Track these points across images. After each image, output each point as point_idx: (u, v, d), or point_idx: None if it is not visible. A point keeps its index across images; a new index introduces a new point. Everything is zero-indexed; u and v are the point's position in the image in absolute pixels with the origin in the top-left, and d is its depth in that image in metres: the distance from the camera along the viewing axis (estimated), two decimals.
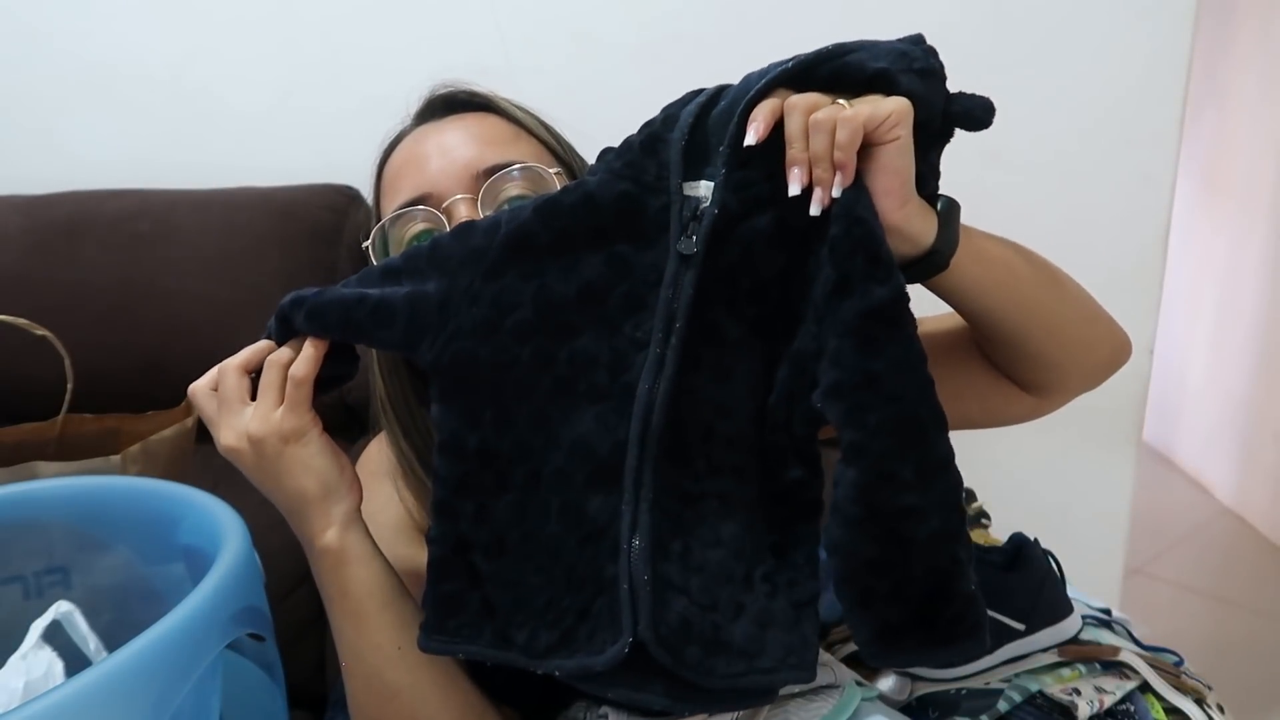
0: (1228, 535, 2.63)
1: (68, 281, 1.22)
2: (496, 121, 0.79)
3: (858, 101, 0.57)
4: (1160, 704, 0.83)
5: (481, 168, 0.75)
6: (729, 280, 0.59)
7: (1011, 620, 0.87)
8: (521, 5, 1.37)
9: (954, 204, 0.63)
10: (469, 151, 0.76)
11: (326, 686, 1.10)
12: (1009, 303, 0.68)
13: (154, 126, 1.48)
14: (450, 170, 0.75)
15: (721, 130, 0.58)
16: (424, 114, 0.82)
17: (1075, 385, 0.76)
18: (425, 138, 0.79)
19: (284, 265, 1.22)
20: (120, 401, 1.03)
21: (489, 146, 0.77)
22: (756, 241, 0.59)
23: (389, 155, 0.81)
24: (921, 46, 0.64)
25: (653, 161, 0.60)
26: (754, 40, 1.35)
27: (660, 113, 0.61)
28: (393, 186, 0.78)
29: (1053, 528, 1.07)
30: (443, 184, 0.75)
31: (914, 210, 0.59)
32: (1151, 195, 1.31)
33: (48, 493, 0.81)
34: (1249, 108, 2.64)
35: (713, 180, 0.58)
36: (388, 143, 0.83)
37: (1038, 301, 0.69)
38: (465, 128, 0.78)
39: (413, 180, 0.76)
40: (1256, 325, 2.61)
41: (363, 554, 0.67)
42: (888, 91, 0.57)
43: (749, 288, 0.59)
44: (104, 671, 0.50)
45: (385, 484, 0.82)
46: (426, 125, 0.80)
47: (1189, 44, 1.26)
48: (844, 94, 0.58)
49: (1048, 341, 0.71)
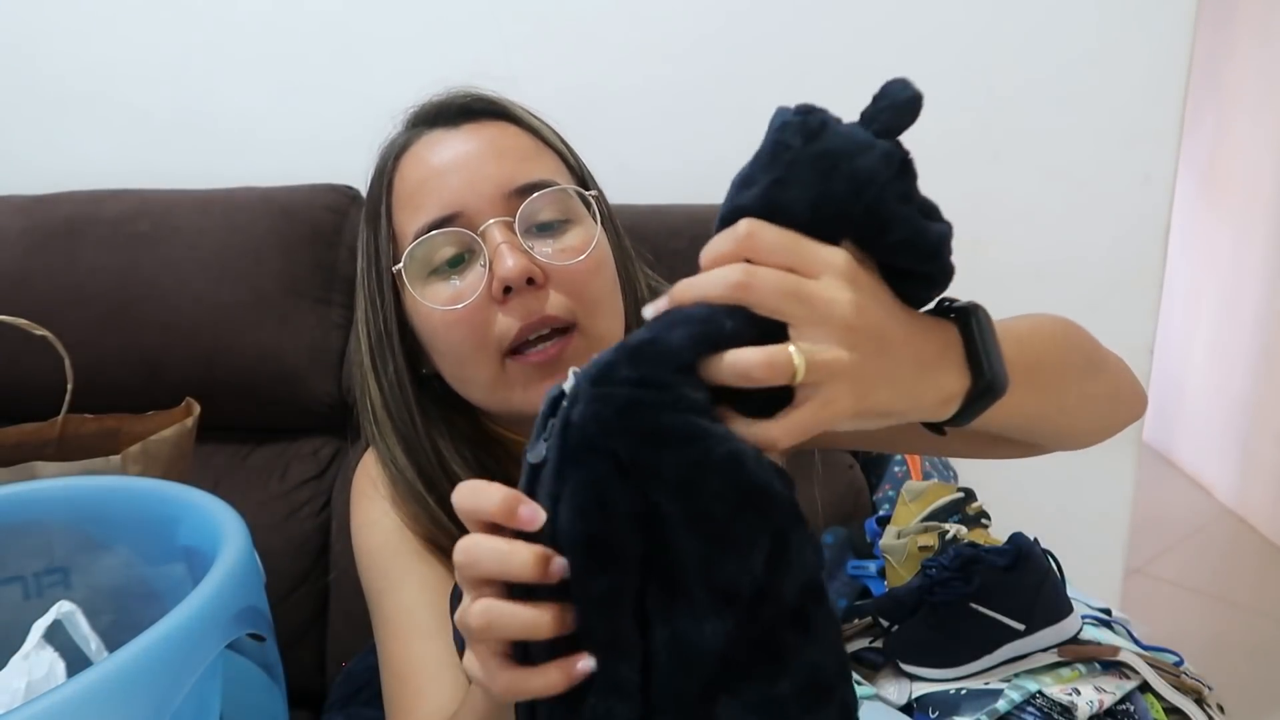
0: (1228, 535, 2.63)
1: (68, 281, 1.22)
2: (517, 133, 0.76)
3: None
4: (1160, 704, 0.83)
5: (513, 187, 0.72)
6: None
7: (1011, 620, 0.87)
8: (522, 5, 1.37)
9: (975, 318, 0.49)
10: (498, 169, 0.73)
11: (326, 686, 1.10)
12: (1054, 411, 0.58)
13: (154, 126, 1.48)
14: (480, 188, 0.72)
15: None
16: (434, 119, 0.77)
17: (1085, 447, 0.69)
18: (443, 148, 0.74)
19: (284, 265, 1.22)
20: (120, 401, 1.04)
21: (518, 163, 0.73)
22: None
23: (398, 161, 0.77)
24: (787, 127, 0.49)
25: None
26: (754, 40, 1.35)
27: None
28: (412, 201, 0.74)
29: (1053, 528, 1.07)
30: (473, 203, 0.72)
31: (890, 392, 0.45)
32: (1151, 195, 1.31)
33: (48, 493, 0.80)
34: (1249, 108, 2.64)
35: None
36: (394, 148, 0.78)
37: (1081, 400, 0.61)
38: (488, 140, 0.75)
39: (438, 197, 0.72)
40: (1256, 325, 2.61)
41: None
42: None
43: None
44: (105, 671, 0.50)
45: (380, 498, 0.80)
46: (440, 132, 0.76)
47: (1189, 44, 1.26)
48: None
49: (1077, 434, 0.65)
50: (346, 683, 0.97)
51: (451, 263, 0.72)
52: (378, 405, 0.78)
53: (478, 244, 0.71)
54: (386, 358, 0.76)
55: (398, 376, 0.76)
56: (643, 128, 1.35)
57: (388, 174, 0.77)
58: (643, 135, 1.34)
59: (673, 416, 0.42)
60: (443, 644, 0.72)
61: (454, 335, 0.72)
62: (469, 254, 0.72)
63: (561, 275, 0.72)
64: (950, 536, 1.07)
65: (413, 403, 0.77)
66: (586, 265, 0.73)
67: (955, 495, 1.16)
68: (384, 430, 0.77)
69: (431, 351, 0.76)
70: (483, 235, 0.71)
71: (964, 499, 1.16)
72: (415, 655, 0.73)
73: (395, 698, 0.73)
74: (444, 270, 0.72)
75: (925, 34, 1.30)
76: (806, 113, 0.49)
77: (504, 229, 0.71)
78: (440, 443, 0.77)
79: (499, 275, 0.69)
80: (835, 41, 1.31)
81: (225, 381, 1.20)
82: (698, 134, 1.37)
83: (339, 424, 1.23)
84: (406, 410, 0.77)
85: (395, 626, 0.75)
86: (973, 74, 1.31)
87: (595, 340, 0.74)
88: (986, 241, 1.35)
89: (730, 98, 1.35)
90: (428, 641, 0.73)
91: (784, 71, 1.33)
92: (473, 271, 0.72)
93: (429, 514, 0.76)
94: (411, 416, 0.77)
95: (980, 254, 1.38)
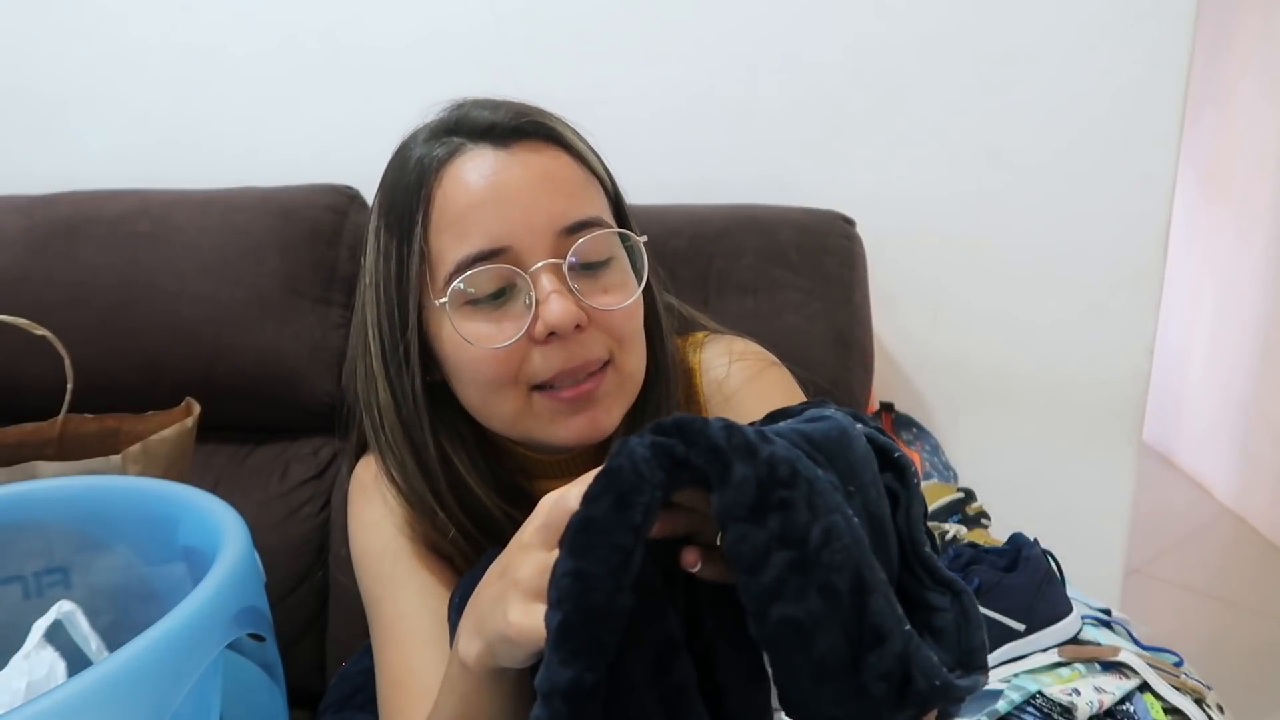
0: (1228, 535, 2.63)
1: (68, 281, 1.22)
2: (569, 162, 0.74)
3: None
4: (1160, 704, 0.83)
5: (564, 224, 0.70)
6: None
7: (1011, 620, 0.87)
8: (522, 6, 1.37)
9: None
10: (550, 204, 0.70)
11: (326, 686, 1.10)
12: None
13: (154, 126, 1.48)
14: (532, 223, 0.69)
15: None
16: (482, 133, 0.72)
17: None
18: (492, 173, 0.70)
19: (284, 265, 1.22)
20: (120, 401, 1.03)
21: (569, 199, 0.71)
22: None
23: (439, 175, 0.71)
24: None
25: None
26: (754, 40, 1.35)
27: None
28: (455, 227, 0.70)
29: (1053, 528, 1.07)
30: (524, 238, 0.69)
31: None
32: (1151, 195, 1.31)
33: (48, 493, 0.80)
34: (1249, 108, 2.64)
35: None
36: (434, 158, 0.72)
37: None
38: (541, 171, 0.71)
39: (485, 228, 0.69)
40: (1256, 325, 2.61)
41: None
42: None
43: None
44: (105, 671, 0.50)
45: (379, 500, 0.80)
46: (489, 151, 0.71)
47: (1189, 44, 1.26)
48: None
49: None
50: (341, 685, 0.97)
51: (492, 295, 0.70)
52: (388, 412, 0.76)
53: (524, 281, 0.70)
54: (402, 368, 0.74)
55: (413, 386, 0.74)
56: (643, 129, 1.35)
57: (427, 186, 0.71)
58: (643, 136, 1.34)
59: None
60: (441, 651, 0.71)
61: (486, 370, 0.71)
62: (511, 288, 0.70)
63: (603, 318, 0.71)
64: (950, 537, 1.07)
65: (425, 412, 0.75)
66: (628, 309, 0.73)
67: (955, 495, 1.16)
68: (395, 438, 0.76)
69: (454, 377, 0.74)
70: (531, 277, 0.69)
71: (964, 499, 1.16)
72: (413, 662, 0.73)
73: (391, 704, 0.73)
74: (483, 303, 0.70)
75: (925, 34, 1.30)
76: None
77: (553, 274, 0.69)
78: (451, 450, 0.76)
79: (546, 321, 0.68)
80: (835, 42, 1.31)
81: (225, 381, 1.20)
82: (698, 134, 1.37)
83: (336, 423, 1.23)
84: (419, 419, 0.75)
85: (393, 632, 0.75)
86: (973, 74, 1.31)
87: (625, 376, 0.74)
88: (987, 241, 1.35)
89: (730, 98, 1.35)
90: (427, 649, 0.73)
91: (784, 72, 1.33)
92: (514, 308, 0.70)
93: (434, 521, 0.76)
94: (423, 425, 0.75)
95: (980, 254, 1.38)
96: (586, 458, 0.79)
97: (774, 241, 1.18)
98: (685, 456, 0.46)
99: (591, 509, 0.46)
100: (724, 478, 0.45)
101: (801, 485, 0.45)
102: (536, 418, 0.72)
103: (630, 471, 0.45)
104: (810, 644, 0.44)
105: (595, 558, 0.45)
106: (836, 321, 1.16)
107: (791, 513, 0.44)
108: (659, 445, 0.46)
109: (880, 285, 1.28)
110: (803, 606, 0.44)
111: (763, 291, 1.16)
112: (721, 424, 0.46)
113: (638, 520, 0.45)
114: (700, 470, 0.45)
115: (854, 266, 1.21)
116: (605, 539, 0.45)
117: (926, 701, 0.45)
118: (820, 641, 0.44)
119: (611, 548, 0.45)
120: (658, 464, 0.46)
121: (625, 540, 0.45)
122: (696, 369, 0.83)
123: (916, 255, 1.37)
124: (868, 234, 1.25)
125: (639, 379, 0.76)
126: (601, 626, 0.45)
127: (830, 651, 0.44)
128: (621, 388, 0.74)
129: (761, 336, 0.87)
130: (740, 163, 1.36)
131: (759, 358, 0.83)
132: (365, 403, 0.78)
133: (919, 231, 1.36)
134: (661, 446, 0.46)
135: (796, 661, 0.45)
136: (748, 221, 1.20)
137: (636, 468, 0.46)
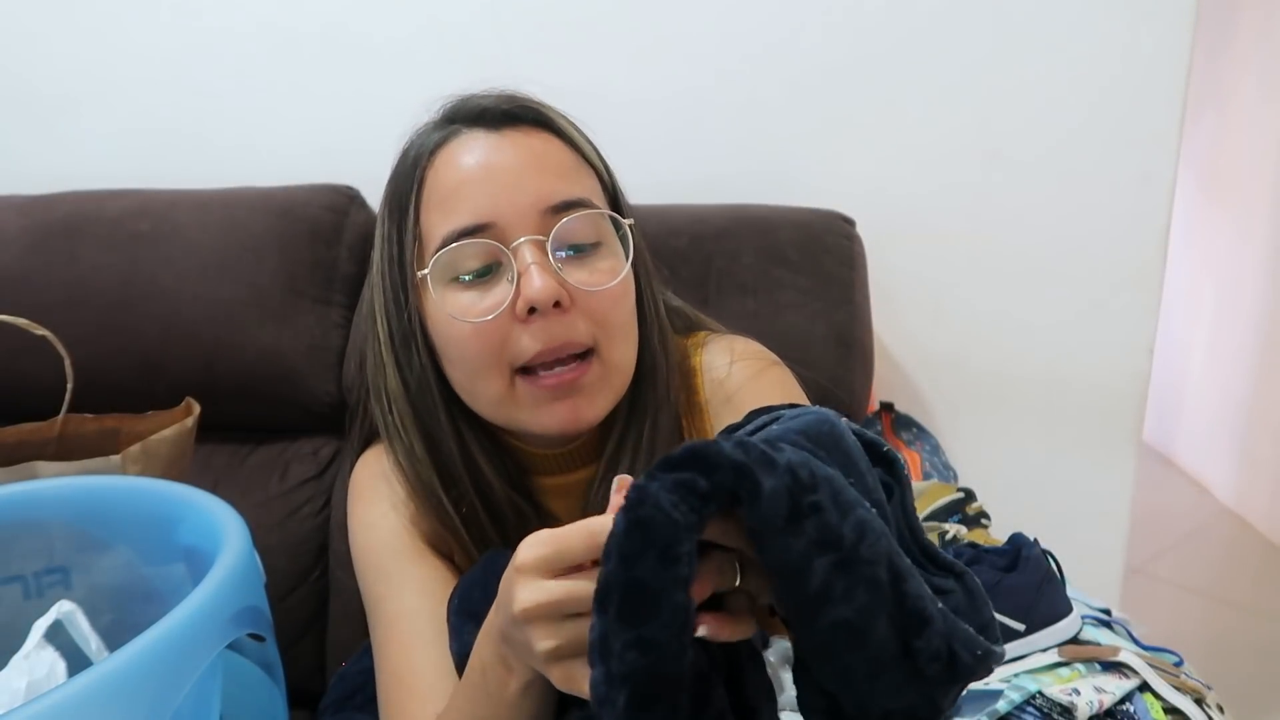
0: (1228, 535, 2.63)
1: (68, 281, 1.22)
2: (559, 146, 0.75)
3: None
4: (1160, 704, 0.83)
5: (549, 204, 0.71)
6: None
7: (1011, 620, 0.87)
8: (522, 5, 1.37)
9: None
10: (536, 183, 0.71)
11: (326, 686, 1.10)
12: None
13: (154, 126, 1.48)
14: (516, 201, 0.70)
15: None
16: (475, 118, 0.75)
17: None
18: (481, 152, 0.72)
19: (284, 265, 1.22)
20: (120, 401, 1.03)
21: (556, 179, 0.72)
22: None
23: (432, 158, 0.74)
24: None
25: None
26: (755, 40, 1.35)
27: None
28: (444, 204, 0.72)
29: (1053, 528, 1.07)
30: (507, 215, 0.70)
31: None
32: (1151, 195, 1.31)
33: (48, 493, 0.80)
34: (1249, 108, 2.64)
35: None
36: (428, 142, 0.75)
37: None
38: (529, 151, 0.73)
39: (471, 204, 0.71)
40: (1256, 325, 2.61)
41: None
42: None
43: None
44: (105, 671, 0.50)
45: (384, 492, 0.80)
46: (480, 134, 0.74)
47: (1189, 44, 1.26)
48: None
49: None
50: (340, 685, 0.97)
51: (478, 273, 0.71)
52: (397, 396, 0.76)
53: (506, 258, 0.70)
54: (411, 352, 0.75)
55: (423, 370, 0.75)
56: (643, 128, 1.35)
57: (420, 169, 0.74)
58: (643, 136, 1.34)
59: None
60: (442, 650, 0.72)
61: (470, 347, 0.72)
62: (496, 266, 0.71)
63: (587, 300, 0.71)
64: (950, 536, 1.07)
65: (438, 396, 0.76)
66: (612, 293, 0.72)
67: (955, 495, 1.16)
68: (406, 423, 0.76)
69: (444, 358, 0.75)
70: (514, 251, 0.70)
71: (964, 499, 1.16)
72: (414, 661, 0.73)
73: (392, 701, 0.73)
74: (468, 280, 0.71)
75: (925, 34, 1.30)
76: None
77: (536, 248, 0.70)
78: (465, 427, 0.77)
79: (526, 296, 0.69)
80: (835, 42, 1.31)
81: (225, 381, 1.20)
82: (698, 133, 1.37)
83: (339, 424, 1.23)
84: (431, 403, 0.76)
85: (394, 631, 0.75)
86: (973, 74, 1.31)
87: (611, 367, 0.74)
88: (986, 241, 1.35)
89: (731, 99, 1.35)
90: (428, 648, 0.73)
91: (784, 72, 1.33)
92: (498, 286, 0.71)
93: (440, 511, 0.76)
94: (436, 409, 0.76)
95: (980, 254, 1.38)
96: (582, 454, 0.79)
97: (774, 241, 1.18)
98: (709, 489, 0.44)
99: (636, 570, 0.43)
100: (754, 494, 0.43)
101: (824, 486, 0.45)
102: (519, 403, 0.73)
103: (664, 523, 0.43)
104: (864, 641, 0.44)
105: (659, 624, 0.43)
106: (836, 321, 1.16)
107: (824, 515, 0.44)
108: (681, 484, 0.44)
109: (880, 285, 1.28)
110: (852, 606, 0.43)
111: (763, 291, 1.16)
112: (733, 442, 0.45)
113: (685, 574, 0.43)
114: (722, 497, 0.44)
115: (854, 266, 1.21)
116: (663, 601, 0.43)
117: (972, 673, 0.45)
118: (872, 637, 0.44)
119: (673, 610, 0.43)
120: (687, 506, 0.43)
121: (681, 598, 0.43)
122: (698, 369, 0.83)
123: (916, 255, 1.37)
124: (868, 233, 1.25)
125: (627, 372, 0.76)
126: (676, 689, 0.44)
127: (883, 645, 0.44)
128: (606, 379, 0.74)
129: (762, 336, 0.87)
130: (740, 161, 1.36)
131: (760, 357, 0.83)
132: (374, 390, 0.79)
133: (919, 231, 1.36)
134: (684, 485, 0.44)
135: (851, 662, 0.44)
136: (748, 221, 1.20)
137: (669, 516, 0.43)
